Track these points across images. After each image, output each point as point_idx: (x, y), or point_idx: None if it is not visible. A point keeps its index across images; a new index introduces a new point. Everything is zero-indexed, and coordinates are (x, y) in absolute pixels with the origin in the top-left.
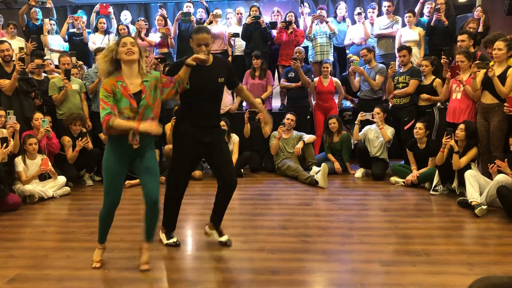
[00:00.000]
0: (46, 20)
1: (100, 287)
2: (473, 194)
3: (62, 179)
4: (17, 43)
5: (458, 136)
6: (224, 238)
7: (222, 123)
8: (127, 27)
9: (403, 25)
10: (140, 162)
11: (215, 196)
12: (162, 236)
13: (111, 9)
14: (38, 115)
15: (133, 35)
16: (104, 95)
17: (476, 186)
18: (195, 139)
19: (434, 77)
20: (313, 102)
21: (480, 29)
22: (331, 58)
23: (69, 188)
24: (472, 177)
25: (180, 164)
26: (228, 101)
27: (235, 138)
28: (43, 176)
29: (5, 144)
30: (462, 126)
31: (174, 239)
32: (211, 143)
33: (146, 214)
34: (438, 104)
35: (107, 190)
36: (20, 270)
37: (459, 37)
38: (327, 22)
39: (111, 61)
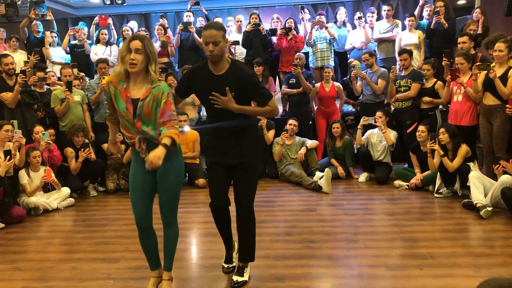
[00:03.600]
0: (47, 32)
1: None
2: (477, 196)
3: (66, 190)
4: (19, 56)
5: (443, 140)
6: (235, 277)
7: None
8: (131, 29)
9: (403, 28)
10: (158, 177)
11: None
12: None
13: (110, 21)
14: (38, 128)
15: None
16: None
17: (481, 188)
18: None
19: (435, 80)
20: (315, 108)
21: (479, 31)
22: (332, 63)
23: (73, 200)
24: (477, 178)
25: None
26: None
27: None
28: (47, 188)
29: (8, 157)
30: (442, 130)
31: (227, 265)
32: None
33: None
34: (440, 106)
35: (132, 206)
36: (26, 283)
37: (460, 39)
38: (326, 28)
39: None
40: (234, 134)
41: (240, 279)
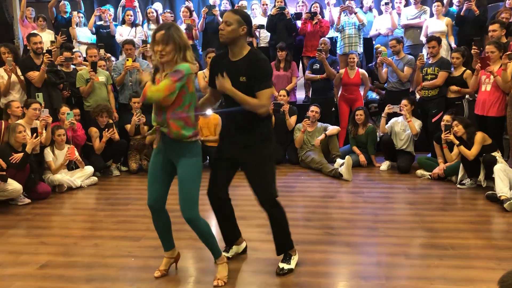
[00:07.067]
0: (75, 13)
1: (127, 275)
2: (502, 188)
3: (89, 169)
4: (47, 36)
5: (458, 132)
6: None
7: None
8: (156, 11)
9: (431, 15)
10: (178, 171)
11: None
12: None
13: (136, 3)
14: (64, 109)
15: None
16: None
17: (506, 181)
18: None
19: (464, 68)
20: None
21: None
22: (360, 50)
23: (96, 178)
24: (502, 171)
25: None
26: None
27: None
28: (71, 166)
29: (35, 134)
30: (455, 122)
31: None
32: (243, 152)
33: None
34: (467, 96)
35: (147, 187)
36: (51, 257)
37: (491, 27)
38: (355, 13)
39: None
40: (244, 126)
41: (286, 266)
